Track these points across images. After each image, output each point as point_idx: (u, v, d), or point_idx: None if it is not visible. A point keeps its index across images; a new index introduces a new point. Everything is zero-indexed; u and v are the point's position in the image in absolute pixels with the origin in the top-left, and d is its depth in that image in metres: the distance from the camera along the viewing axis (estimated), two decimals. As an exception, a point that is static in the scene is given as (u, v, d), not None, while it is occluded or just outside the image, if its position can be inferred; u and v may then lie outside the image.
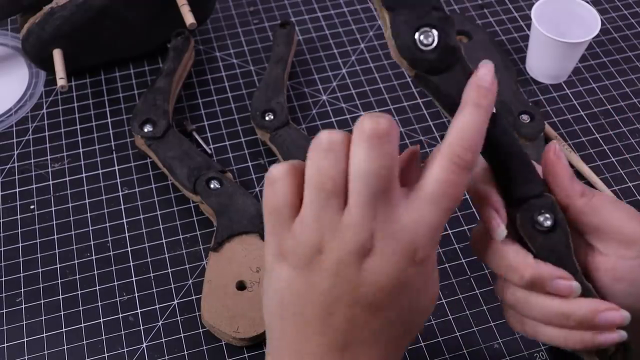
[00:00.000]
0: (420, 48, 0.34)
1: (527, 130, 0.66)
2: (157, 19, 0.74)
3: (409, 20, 0.34)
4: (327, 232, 0.34)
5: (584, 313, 0.38)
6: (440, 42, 0.34)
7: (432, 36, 0.34)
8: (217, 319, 0.56)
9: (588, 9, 0.72)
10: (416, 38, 0.34)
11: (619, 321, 0.38)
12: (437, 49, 0.34)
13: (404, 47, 0.35)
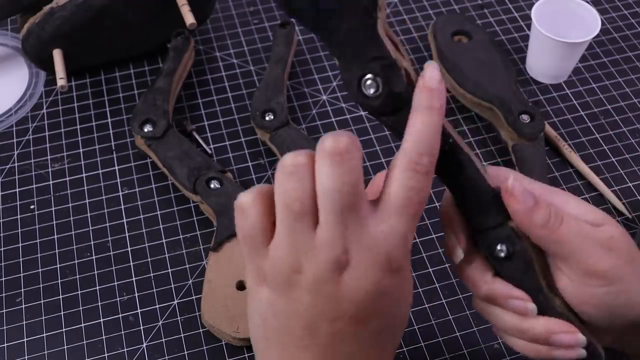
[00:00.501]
0: (365, 95, 0.36)
1: (527, 130, 0.66)
2: (157, 19, 0.74)
3: (353, 70, 0.36)
4: (302, 251, 0.35)
5: (539, 332, 0.39)
6: (385, 90, 0.36)
7: (376, 85, 0.36)
8: (217, 319, 0.56)
9: (588, 9, 0.72)
10: (362, 86, 0.36)
11: (573, 344, 0.39)
12: (381, 96, 0.36)
13: (352, 94, 0.36)
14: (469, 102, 0.72)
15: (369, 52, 0.35)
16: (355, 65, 0.36)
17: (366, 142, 0.71)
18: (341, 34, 0.35)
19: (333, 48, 0.36)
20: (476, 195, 0.39)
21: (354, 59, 0.36)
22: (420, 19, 0.83)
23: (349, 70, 0.36)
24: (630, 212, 0.65)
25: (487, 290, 0.40)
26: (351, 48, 0.35)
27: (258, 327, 0.38)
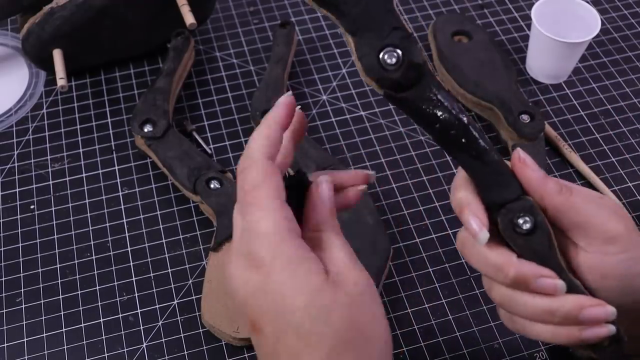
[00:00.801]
0: (385, 67, 0.36)
1: (527, 130, 0.66)
2: (157, 19, 0.74)
3: (372, 42, 0.36)
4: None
5: (569, 309, 0.38)
6: (404, 60, 0.36)
7: (396, 55, 0.36)
8: (217, 319, 0.56)
9: (588, 9, 0.72)
10: (380, 58, 0.36)
11: (603, 317, 0.38)
12: (402, 67, 0.36)
13: (370, 68, 0.36)
14: (469, 102, 0.72)
15: (389, 23, 0.35)
16: (375, 37, 0.36)
17: (366, 142, 0.70)
18: (360, 5, 0.35)
19: (349, 21, 0.36)
20: (493, 168, 0.38)
21: (373, 30, 0.35)
22: (420, 19, 0.83)
23: (367, 43, 0.36)
24: (630, 212, 0.65)
25: (515, 272, 0.38)
26: (370, 19, 0.35)
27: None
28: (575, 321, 0.38)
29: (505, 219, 0.38)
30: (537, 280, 0.38)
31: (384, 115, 0.73)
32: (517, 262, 0.38)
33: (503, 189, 0.38)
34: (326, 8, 0.36)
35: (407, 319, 0.58)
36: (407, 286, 0.60)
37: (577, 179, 0.68)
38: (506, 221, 0.38)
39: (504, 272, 0.38)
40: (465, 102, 0.72)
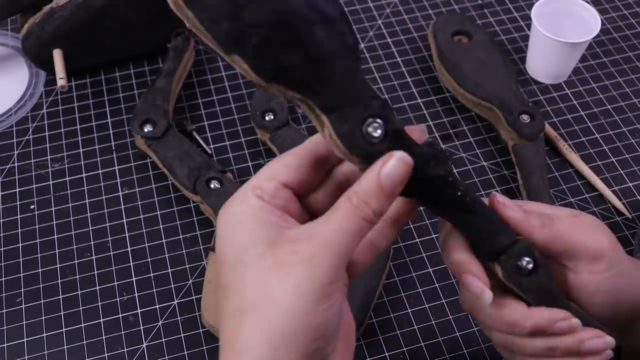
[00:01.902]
0: (370, 141, 0.33)
1: (527, 130, 0.66)
2: (157, 19, 0.74)
3: (353, 117, 0.33)
4: None
5: (569, 345, 0.39)
6: (388, 130, 0.33)
7: (379, 126, 0.33)
8: (217, 319, 0.56)
9: (588, 9, 0.72)
10: (365, 133, 0.33)
11: (602, 347, 0.39)
12: (387, 137, 0.33)
13: (355, 145, 0.33)
14: (469, 102, 0.72)
15: (367, 94, 0.33)
16: (355, 112, 0.33)
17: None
18: (335, 81, 0.32)
19: (324, 99, 0.32)
20: (486, 218, 0.38)
21: (352, 105, 0.33)
22: (420, 19, 0.83)
23: (349, 119, 0.33)
24: (630, 212, 0.65)
25: (532, 324, 0.39)
26: (347, 94, 0.33)
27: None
28: (576, 354, 0.39)
29: (507, 265, 0.38)
30: (555, 325, 0.39)
31: (384, 115, 0.73)
32: (531, 313, 0.39)
33: (498, 236, 0.38)
34: (297, 90, 0.32)
35: (407, 319, 0.58)
36: (407, 286, 0.60)
37: (577, 179, 0.68)
38: (509, 267, 0.38)
39: (520, 327, 0.39)
40: (465, 102, 0.72)
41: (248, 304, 0.32)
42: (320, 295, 0.32)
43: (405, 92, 0.75)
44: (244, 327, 0.32)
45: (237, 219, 0.34)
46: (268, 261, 0.32)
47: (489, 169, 0.69)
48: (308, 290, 0.31)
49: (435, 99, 0.75)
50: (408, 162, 0.33)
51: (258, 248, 0.33)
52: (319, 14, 0.31)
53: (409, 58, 0.79)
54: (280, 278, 0.32)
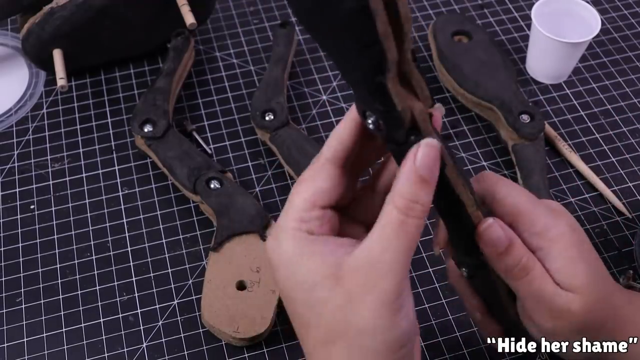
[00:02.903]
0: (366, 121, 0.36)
1: (527, 130, 0.66)
2: (157, 19, 0.74)
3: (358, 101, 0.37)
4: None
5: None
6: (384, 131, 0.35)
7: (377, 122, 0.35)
8: (217, 319, 0.56)
9: (588, 9, 0.72)
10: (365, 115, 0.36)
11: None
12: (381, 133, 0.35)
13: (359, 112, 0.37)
14: (469, 102, 0.72)
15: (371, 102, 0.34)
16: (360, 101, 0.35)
17: (366, 142, 0.70)
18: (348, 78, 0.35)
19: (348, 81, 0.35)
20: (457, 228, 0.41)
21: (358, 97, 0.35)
22: (420, 19, 0.83)
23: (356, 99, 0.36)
24: (630, 212, 0.65)
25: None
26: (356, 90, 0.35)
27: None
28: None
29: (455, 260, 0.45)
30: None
31: (384, 115, 0.73)
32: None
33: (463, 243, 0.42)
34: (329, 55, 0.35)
35: (407, 319, 0.58)
36: (407, 286, 0.60)
37: (577, 179, 0.68)
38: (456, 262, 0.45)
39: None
40: (465, 102, 0.72)
41: (333, 335, 0.35)
42: (394, 310, 0.34)
43: (405, 92, 0.75)
44: (334, 354, 0.36)
45: (294, 258, 0.36)
46: (340, 298, 0.35)
47: (489, 169, 0.69)
48: (382, 313, 0.34)
49: (435, 99, 0.75)
50: (434, 145, 0.34)
51: (326, 285, 0.35)
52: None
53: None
54: (355, 309, 0.35)
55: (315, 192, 0.37)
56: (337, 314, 0.35)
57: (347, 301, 0.35)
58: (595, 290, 0.40)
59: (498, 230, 0.39)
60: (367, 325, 0.35)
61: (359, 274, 0.35)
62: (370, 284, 0.34)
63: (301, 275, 0.36)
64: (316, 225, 0.37)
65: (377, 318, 0.34)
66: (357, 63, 0.32)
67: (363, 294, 0.34)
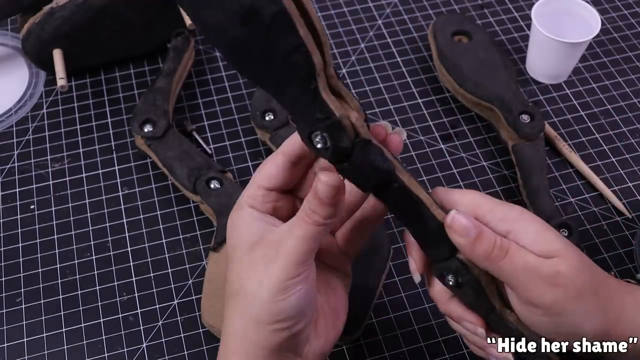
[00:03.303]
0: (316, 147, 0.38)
1: (527, 130, 0.66)
2: (157, 19, 0.74)
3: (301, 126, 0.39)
4: None
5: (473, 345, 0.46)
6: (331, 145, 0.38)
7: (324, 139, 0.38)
8: (217, 319, 0.56)
9: (588, 9, 0.72)
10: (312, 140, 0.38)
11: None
12: (329, 150, 0.38)
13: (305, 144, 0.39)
14: (469, 102, 0.72)
15: (312, 115, 0.37)
16: (303, 124, 0.38)
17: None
18: (285, 99, 0.37)
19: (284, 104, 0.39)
20: (425, 232, 0.42)
21: (300, 119, 0.38)
22: (420, 19, 0.83)
23: (298, 127, 0.39)
24: (630, 212, 0.65)
25: (444, 310, 0.46)
26: (297, 111, 0.38)
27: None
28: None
29: (435, 272, 0.43)
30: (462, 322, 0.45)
31: (384, 115, 0.73)
32: (447, 302, 0.45)
33: (434, 249, 0.42)
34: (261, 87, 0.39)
35: (407, 319, 0.58)
36: (407, 286, 0.60)
37: (577, 179, 0.68)
38: (437, 274, 0.43)
39: (438, 306, 0.46)
40: (465, 102, 0.72)
41: (233, 291, 0.42)
42: (279, 288, 0.40)
43: (405, 92, 0.75)
44: (229, 310, 0.43)
45: (234, 223, 0.44)
46: (246, 260, 0.42)
47: (489, 169, 0.69)
48: (268, 285, 0.40)
49: (435, 99, 0.75)
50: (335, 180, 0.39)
51: (243, 248, 0.42)
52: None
53: (409, 58, 0.79)
54: (251, 274, 0.41)
55: (262, 176, 0.44)
56: (240, 274, 0.41)
57: (249, 266, 0.41)
58: (573, 252, 0.41)
59: (464, 218, 0.40)
60: (252, 291, 0.40)
61: (265, 247, 0.41)
62: (268, 257, 0.40)
63: (232, 237, 0.43)
64: (259, 202, 0.43)
65: (261, 290, 0.40)
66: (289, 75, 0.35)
67: (261, 264, 0.40)
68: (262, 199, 0.44)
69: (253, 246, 0.42)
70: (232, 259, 0.43)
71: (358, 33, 0.82)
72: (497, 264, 0.40)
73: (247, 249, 0.42)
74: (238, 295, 0.41)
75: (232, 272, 0.42)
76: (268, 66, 0.36)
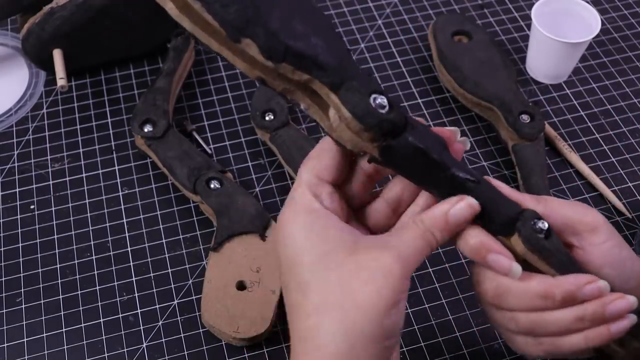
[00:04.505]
0: (379, 112, 0.35)
1: (527, 130, 0.66)
2: (157, 19, 0.74)
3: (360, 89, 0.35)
4: None
5: (594, 309, 0.39)
6: (391, 103, 0.35)
7: (386, 99, 0.35)
8: (217, 319, 0.56)
9: (588, 9, 0.72)
10: (372, 103, 0.35)
11: (626, 307, 0.39)
12: (392, 108, 0.35)
13: (366, 114, 0.35)
14: (469, 102, 0.72)
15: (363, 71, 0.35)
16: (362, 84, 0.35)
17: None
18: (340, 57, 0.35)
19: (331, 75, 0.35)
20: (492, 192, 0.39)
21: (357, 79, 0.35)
22: (420, 19, 0.83)
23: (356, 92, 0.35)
24: (630, 212, 0.65)
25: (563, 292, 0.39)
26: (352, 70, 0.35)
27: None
28: (602, 319, 0.39)
29: (526, 230, 0.39)
30: (583, 289, 0.39)
31: (384, 115, 0.73)
32: (559, 282, 0.39)
33: (507, 207, 0.39)
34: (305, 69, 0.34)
35: (407, 319, 0.58)
36: (407, 286, 0.60)
37: (577, 179, 0.68)
38: (528, 229, 0.39)
39: (551, 297, 0.39)
40: (465, 102, 0.72)
41: (331, 303, 0.36)
42: (396, 300, 0.36)
43: (405, 92, 0.75)
44: (326, 323, 0.36)
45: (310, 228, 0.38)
46: (351, 265, 0.36)
47: (489, 169, 0.69)
48: (387, 296, 0.35)
49: (435, 99, 0.75)
50: (475, 208, 0.38)
51: (340, 253, 0.37)
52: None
53: (409, 58, 0.79)
54: (362, 281, 0.36)
55: (321, 168, 0.39)
56: (341, 283, 0.36)
57: (355, 273, 0.36)
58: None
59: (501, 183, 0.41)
60: (365, 301, 0.35)
61: (372, 251, 0.37)
62: (382, 262, 0.36)
63: (315, 241, 0.37)
64: (327, 200, 0.39)
65: (378, 298, 0.35)
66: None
67: (372, 271, 0.36)
68: (331, 197, 0.39)
69: (353, 251, 0.37)
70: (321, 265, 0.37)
71: (358, 33, 0.82)
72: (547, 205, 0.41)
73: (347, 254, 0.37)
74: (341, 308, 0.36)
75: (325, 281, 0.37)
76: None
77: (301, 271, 0.37)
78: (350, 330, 0.35)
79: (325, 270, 0.37)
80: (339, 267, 0.36)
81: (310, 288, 0.37)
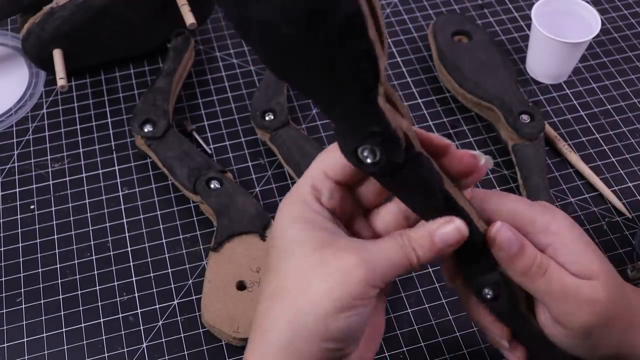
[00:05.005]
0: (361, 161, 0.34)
1: (527, 130, 0.66)
2: (157, 19, 0.74)
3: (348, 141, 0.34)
4: None
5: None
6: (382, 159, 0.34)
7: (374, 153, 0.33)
8: (217, 319, 0.56)
9: (588, 9, 0.72)
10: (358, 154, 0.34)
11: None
12: (379, 164, 0.34)
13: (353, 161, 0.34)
14: (469, 102, 0.72)
15: (368, 128, 0.32)
16: (351, 139, 0.33)
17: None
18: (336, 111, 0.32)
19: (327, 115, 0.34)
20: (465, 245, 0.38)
21: (350, 133, 0.33)
22: (420, 19, 0.83)
23: (344, 142, 0.34)
24: (630, 212, 0.65)
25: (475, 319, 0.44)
26: (347, 123, 0.33)
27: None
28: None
29: (472, 286, 0.41)
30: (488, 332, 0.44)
31: (384, 115, 0.73)
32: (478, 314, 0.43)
33: (475, 262, 0.40)
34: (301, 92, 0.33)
35: (407, 319, 0.58)
36: (407, 286, 0.60)
37: (577, 179, 0.68)
38: (473, 288, 0.41)
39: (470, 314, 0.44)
40: (465, 102, 0.72)
41: (284, 289, 0.37)
42: (349, 305, 0.35)
43: (405, 92, 0.75)
44: (274, 310, 0.37)
45: (297, 217, 0.38)
46: (315, 259, 0.36)
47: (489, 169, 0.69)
48: (337, 297, 0.35)
49: (435, 99, 0.75)
50: (463, 233, 0.37)
51: (310, 245, 0.37)
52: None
53: (409, 58, 0.79)
54: (319, 277, 0.36)
55: (328, 164, 0.39)
56: (299, 273, 0.36)
57: (316, 267, 0.36)
58: (612, 276, 0.40)
59: (508, 231, 0.38)
60: (314, 296, 0.35)
61: (342, 250, 0.36)
62: (345, 262, 0.36)
63: (293, 229, 0.37)
64: (326, 196, 0.38)
65: (327, 299, 0.35)
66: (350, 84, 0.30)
67: (332, 268, 0.36)
68: (330, 194, 0.39)
69: (323, 247, 0.37)
70: (288, 252, 0.37)
71: (358, 33, 0.81)
72: (535, 282, 0.39)
73: (315, 247, 0.37)
74: (291, 297, 0.36)
75: (285, 267, 0.37)
76: (325, 73, 0.30)
77: (274, 254, 0.38)
78: (295, 321, 0.36)
79: (291, 258, 0.37)
80: (304, 258, 0.36)
81: (272, 272, 0.38)
